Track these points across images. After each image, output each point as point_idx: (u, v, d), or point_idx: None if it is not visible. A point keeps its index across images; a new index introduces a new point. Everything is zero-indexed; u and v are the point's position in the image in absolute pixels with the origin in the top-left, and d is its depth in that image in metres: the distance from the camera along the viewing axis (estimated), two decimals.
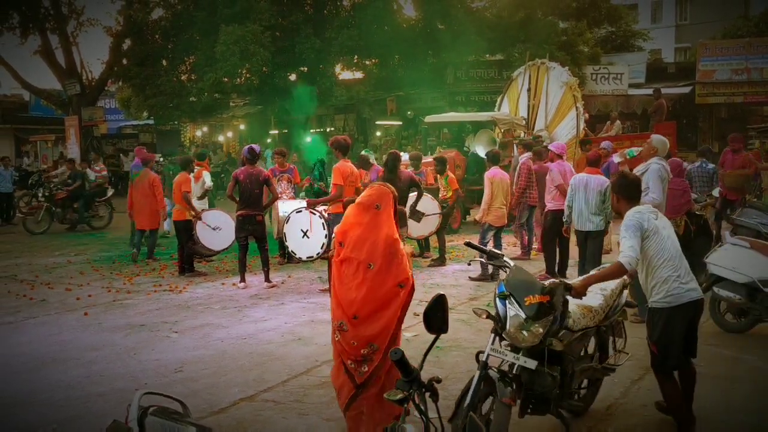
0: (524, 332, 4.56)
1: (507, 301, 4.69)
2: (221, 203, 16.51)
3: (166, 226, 15.71)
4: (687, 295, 4.94)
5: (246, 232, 10.69)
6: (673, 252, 4.97)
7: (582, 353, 5.31)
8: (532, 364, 4.56)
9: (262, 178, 10.64)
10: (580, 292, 4.81)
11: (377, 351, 4.63)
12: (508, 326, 4.63)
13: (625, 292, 5.57)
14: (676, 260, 4.96)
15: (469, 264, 6.03)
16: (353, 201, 5.30)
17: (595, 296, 5.26)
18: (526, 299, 4.64)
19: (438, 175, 13.07)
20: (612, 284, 5.48)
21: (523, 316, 4.59)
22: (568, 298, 4.80)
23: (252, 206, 10.59)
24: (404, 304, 4.74)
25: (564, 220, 9.62)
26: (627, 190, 5.23)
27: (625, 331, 5.70)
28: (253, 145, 11.37)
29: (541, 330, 4.56)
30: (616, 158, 10.14)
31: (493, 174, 11.35)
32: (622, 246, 4.89)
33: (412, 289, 4.79)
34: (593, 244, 9.24)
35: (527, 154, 12.49)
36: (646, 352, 5.71)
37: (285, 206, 11.43)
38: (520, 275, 4.88)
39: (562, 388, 4.89)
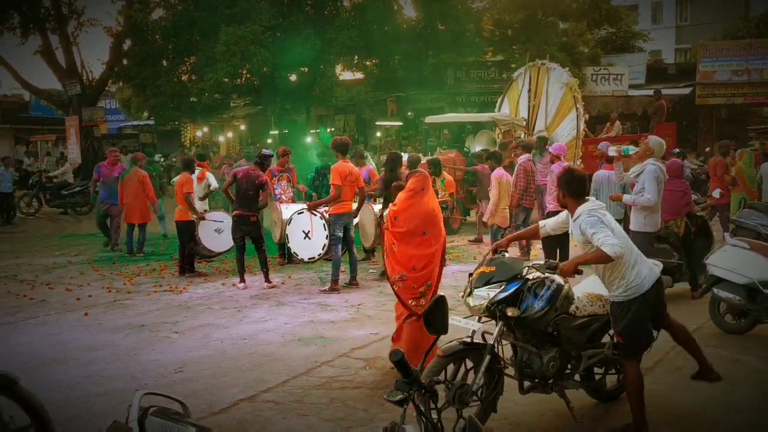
0: (469, 299, 5.07)
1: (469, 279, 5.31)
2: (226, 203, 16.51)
3: (162, 228, 15.72)
4: (646, 281, 5.05)
5: (241, 233, 10.66)
6: (626, 244, 5.04)
7: (591, 339, 5.43)
8: (475, 325, 5.05)
9: (258, 181, 10.57)
10: (566, 271, 4.92)
11: (430, 287, 6.24)
12: (464, 297, 5.18)
13: None
14: (628, 252, 5.00)
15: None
16: (401, 186, 6.75)
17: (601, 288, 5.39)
18: (474, 272, 5.20)
19: (434, 178, 13.00)
20: None
21: (470, 287, 5.12)
22: (560, 281, 5.08)
23: (245, 206, 10.56)
24: (443, 254, 6.42)
25: None
26: (573, 186, 5.16)
27: None
28: (265, 151, 11.47)
29: (482, 296, 4.97)
30: (611, 151, 10.23)
31: (500, 174, 11.34)
32: (601, 238, 4.80)
33: (445, 240, 6.52)
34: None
35: (526, 156, 12.48)
36: (647, 353, 5.71)
37: (288, 211, 11.46)
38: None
39: (562, 370, 5.21)
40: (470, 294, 5.07)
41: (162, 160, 28.43)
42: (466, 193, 16.34)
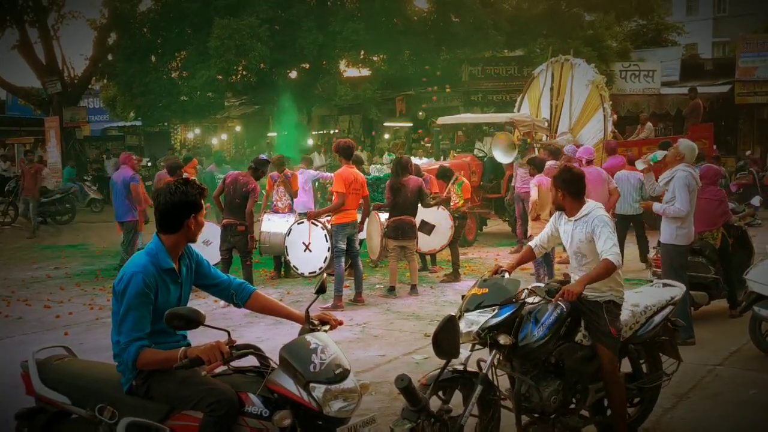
0: (459, 324, 4.77)
1: None
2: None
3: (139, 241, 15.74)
4: None
5: (228, 244, 10.52)
6: None
7: (600, 371, 5.29)
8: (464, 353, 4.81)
9: (245, 189, 10.45)
10: (570, 297, 4.84)
11: None
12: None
13: (668, 309, 5.56)
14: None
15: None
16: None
17: (622, 312, 5.29)
18: (467, 294, 4.99)
19: (450, 185, 12.94)
20: (648, 300, 5.54)
21: (460, 311, 4.88)
22: (564, 305, 4.93)
23: (233, 215, 10.50)
24: None
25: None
26: (573, 185, 5.27)
27: (677, 352, 5.72)
28: (262, 156, 11.35)
29: (473, 321, 4.75)
30: (639, 165, 10.17)
31: (540, 182, 11.23)
32: (608, 244, 4.99)
33: None
34: (637, 227, 12.37)
35: (551, 163, 12.42)
36: (680, 378, 5.70)
37: (268, 224, 11.60)
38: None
39: (566, 405, 5.05)
40: (460, 318, 4.87)
41: (150, 164, 28.56)
42: (482, 201, 16.31)
